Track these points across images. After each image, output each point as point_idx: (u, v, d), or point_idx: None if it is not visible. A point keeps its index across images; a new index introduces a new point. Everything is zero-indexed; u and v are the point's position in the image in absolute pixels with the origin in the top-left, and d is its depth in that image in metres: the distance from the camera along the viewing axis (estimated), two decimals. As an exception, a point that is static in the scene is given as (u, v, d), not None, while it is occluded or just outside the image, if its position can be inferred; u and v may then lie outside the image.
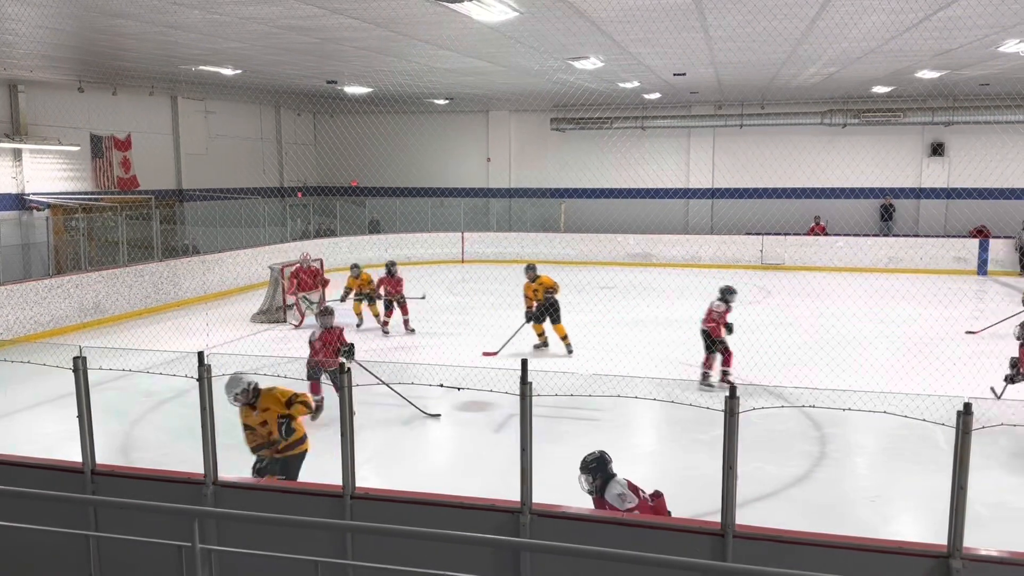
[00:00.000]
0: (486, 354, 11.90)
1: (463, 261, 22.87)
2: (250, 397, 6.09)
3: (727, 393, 4.48)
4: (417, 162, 25.51)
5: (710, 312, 10.72)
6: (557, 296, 12.23)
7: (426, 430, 9.71)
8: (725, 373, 10.58)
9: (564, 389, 10.23)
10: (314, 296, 14.95)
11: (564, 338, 12.17)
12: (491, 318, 14.47)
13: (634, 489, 5.40)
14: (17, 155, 16.55)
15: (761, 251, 21.65)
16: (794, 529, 4.69)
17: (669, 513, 5.39)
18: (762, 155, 22.66)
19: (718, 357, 10.59)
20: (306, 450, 6.39)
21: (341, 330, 9.74)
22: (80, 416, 4.89)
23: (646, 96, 19.76)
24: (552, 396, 7.33)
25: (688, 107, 22.86)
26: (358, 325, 14.38)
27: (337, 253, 19.77)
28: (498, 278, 19.64)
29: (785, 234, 21.47)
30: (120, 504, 4.25)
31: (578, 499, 5.33)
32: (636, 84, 17.06)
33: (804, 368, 10.90)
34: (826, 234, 21.89)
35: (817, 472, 7.81)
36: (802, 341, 12.43)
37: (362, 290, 14.52)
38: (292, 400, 6.21)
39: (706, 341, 10.63)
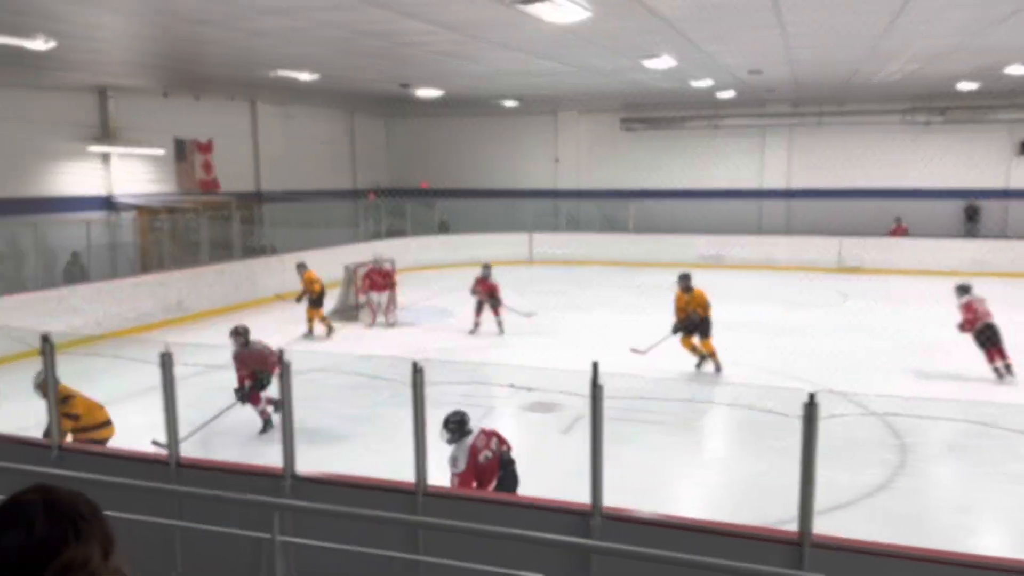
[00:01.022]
0: (634, 350, 11.33)
1: (531, 262, 22.91)
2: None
3: (805, 399, 4.37)
4: (485, 164, 25.66)
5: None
6: (708, 314, 11.25)
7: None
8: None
9: (633, 392, 10.18)
10: (384, 296, 15.20)
11: (712, 355, 11.20)
12: (558, 319, 14.47)
13: (475, 464, 5.84)
14: (106, 158, 17.29)
15: (839, 253, 21.04)
16: (873, 540, 4.55)
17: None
18: (840, 154, 22.03)
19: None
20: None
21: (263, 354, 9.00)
22: (167, 410, 5.08)
23: (719, 95, 19.44)
24: (622, 399, 7.28)
25: (763, 105, 22.38)
26: (305, 334, 13.91)
27: (407, 253, 20.06)
28: (566, 279, 19.65)
29: (864, 236, 20.83)
30: (206, 496, 4.40)
31: (648, 503, 5.29)
32: (709, 82, 16.81)
33: (883, 375, 10.58)
34: (908, 236, 21.15)
35: (897, 481, 7.56)
36: (881, 347, 12.05)
37: (310, 290, 14.01)
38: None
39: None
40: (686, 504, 7.12)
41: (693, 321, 11.18)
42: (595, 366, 4.78)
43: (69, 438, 6.47)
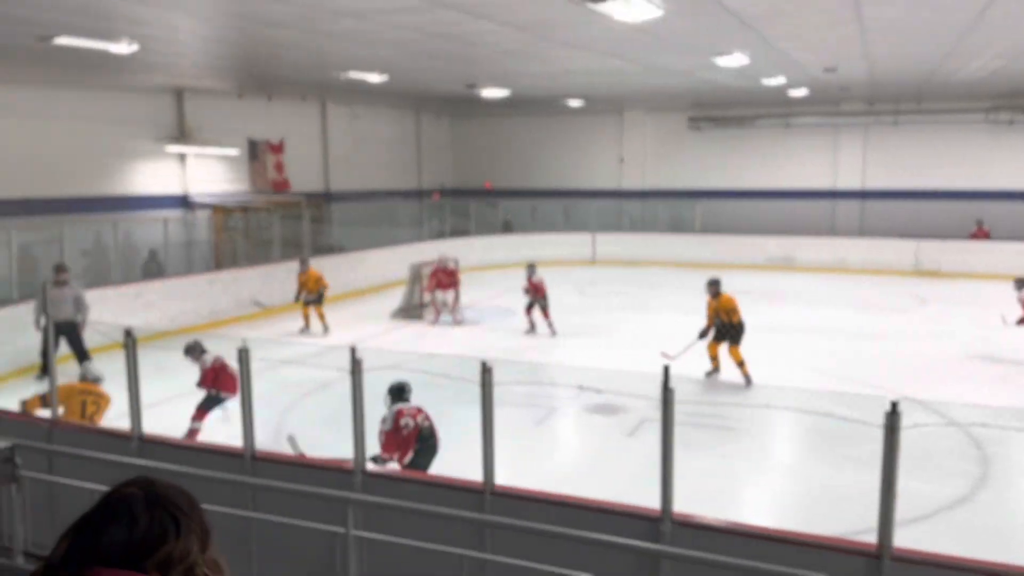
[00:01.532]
0: (664, 355, 10.88)
1: (594, 262, 22.77)
2: None
3: (887, 408, 4.23)
4: (549, 164, 25.62)
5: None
6: (734, 320, 10.95)
7: (556, 431, 9.73)
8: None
9: (702, 396, 10.02)
10: (450, 295, 15.31)
11: (741, 364, 10.76)
12: (620, 320, 14.34)
13: (396, 427, 6.41)
14: (182, 158, 17.84)
15: (916, 256, 20.33)
16: (955, 554, 4.37)
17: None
18: (918, 154, 21.27)
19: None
20: None
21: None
22: (243, 404, 5.20)
23: (791, 93, 19.00)
24: (691, 403, 7.17)
25: (837, 103, 21.77)
26: (301, 330, 14.13)
27: (471, 253, 20.17)
28: (629, 280, 19.47)
29: (943, 238, 20.08)
30: (281, 489, 4.49)
31: (716, 509, 5.19)
32: (782, 80, 16.45)
33: (963, 383, 10.18)
34: (989, 239, 20.31)
35: (979, 494, 7.27)
36: (961, 353, 11.61)
37: (310, 289, 14.23)
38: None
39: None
40: (755, 511, 6.97)
41: (719, 327, 10.91)
42: (666, 369, 4.71)
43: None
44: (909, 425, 4.46)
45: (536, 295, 14.03)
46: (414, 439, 6.62)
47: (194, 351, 8.66)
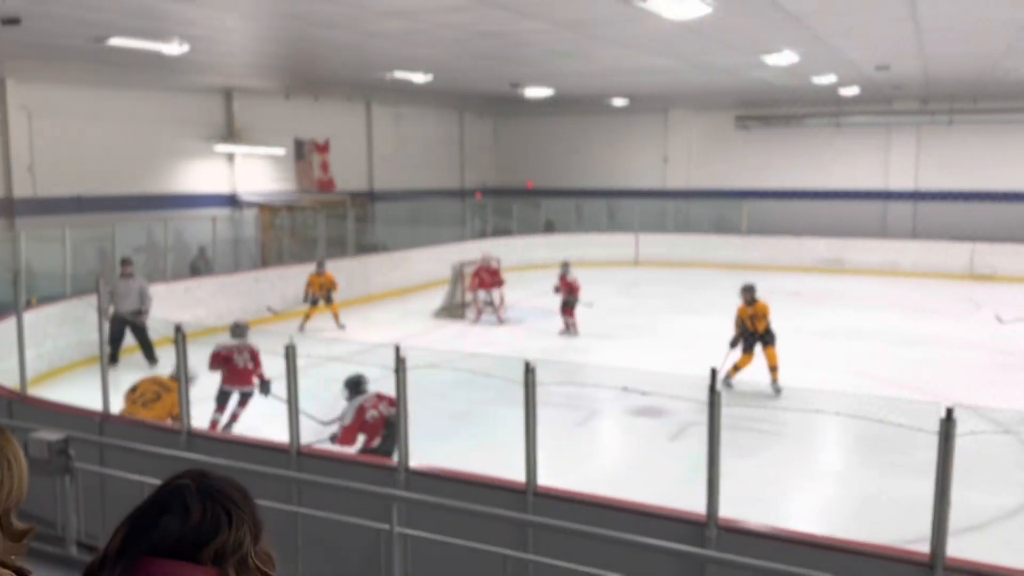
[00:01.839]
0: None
1: (637, 263, 22.59)
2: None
3: (942, 414, 4.11)
4: (592, 163, 25.48)
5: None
6: (768, 327, 10.59)
7: (598, 433, 9.67)
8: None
9: (748, 401, 9.86)
10: (494, 294, 15.32)
11: (774, 369, 10.34)
12: (663, 322, 14.20)
13: (362, 421, 6.60)
14: (230, 158, 18.15)
15: (971, 259, 19.78)
16: (1010, 566, 4.24)
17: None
18: (974, 154, 20.69)
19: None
20: None
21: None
22: (288, 401, 5.25)
23: (842, 91, 18.63)
24: (737, 407, 7.05)
25: (889, 102, 21.28)
26: (300, 328, 13.93)
27: (513, 253, 20.16)
28: (672, 281, 19.27)
29: (1000, 241, 19.50)
30: (325, 484, 4.52)
31: (762, 515, 5.10)
32: (832, 78, 16.13)
33: (1017, 389, 9.87)
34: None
35: (1037, 506, 7.04)
36: (1018, 360, 11.26)
37: (321, 289, 14.24)
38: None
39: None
40: (802, 518, 6.84)
41: (747, 335, 10.56)
42: (713, 372, 4.65)
43: None
44: (964, 432, 4.33)
45: (571, 294, 13.98)
46: (381, 426, 6.79)
47: (237, 332, 8.83)
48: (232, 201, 18.24)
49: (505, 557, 3.90)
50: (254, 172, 18.63)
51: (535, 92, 18.30)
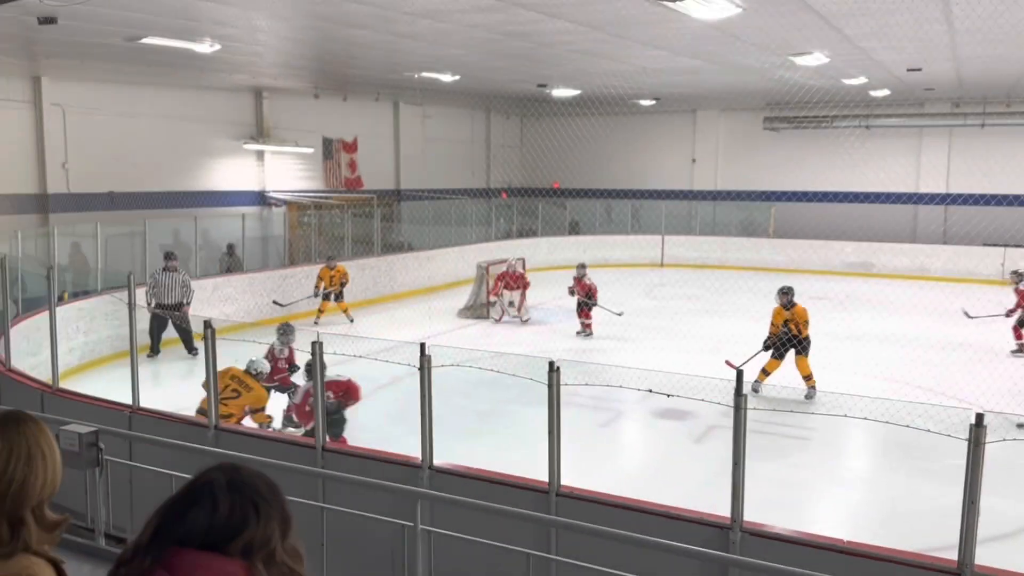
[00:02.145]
0: (728, 363, 10.09)
1: (662, 265, 22.47)
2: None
3: (972, 420, 4.06)
4: (619, 164, 25.39)
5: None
6: (806, 333, 10.38)
7: (622, 434, 9.64)
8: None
9: (775, 404, 9.77)
10: (516, 296, 15.33)
11: (808, 377, 10.15)
12: (688, 324, 14.10)
13: (305, 402, 7.03)
14: (260, 156, 18.33)
15: (1003, 264, 19.44)
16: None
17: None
18: (1007, 157, 20.33)
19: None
20: None
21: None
22: (315, 396, 5.30)
23: (872, 93, 18.41)
24: (762, 410, 6.99)
25: (920, 104, 21.00)
26: (315, 322, 14.28)
27: (537, 253, 20.16)
28: (698, 283, 19.14)
29: (1032, 246, 19.18)
30: (354, 481, 4.55)
31: (787, 520, 5.06)
32: (863, 80, 15.96)
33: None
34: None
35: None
36: (1051, 367, 11.06)
37: (332, 283, 14.59)
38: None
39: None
40: (828, 524, 6.77)
41: (783, 339, 10.30)
42: (739, 375, 4.63)
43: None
44: (994, 440, 4.27)
45: (588, 296, 13.93)
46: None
47: (285, 333, 9.50)
48: (261, 199, 18.42)
49: (528, 556, 3.90)
50: (283, 170, 18.80)
51: (562, 92, 18.29)
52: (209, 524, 1.31)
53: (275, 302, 14.59)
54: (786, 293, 10.65)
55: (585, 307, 14.05)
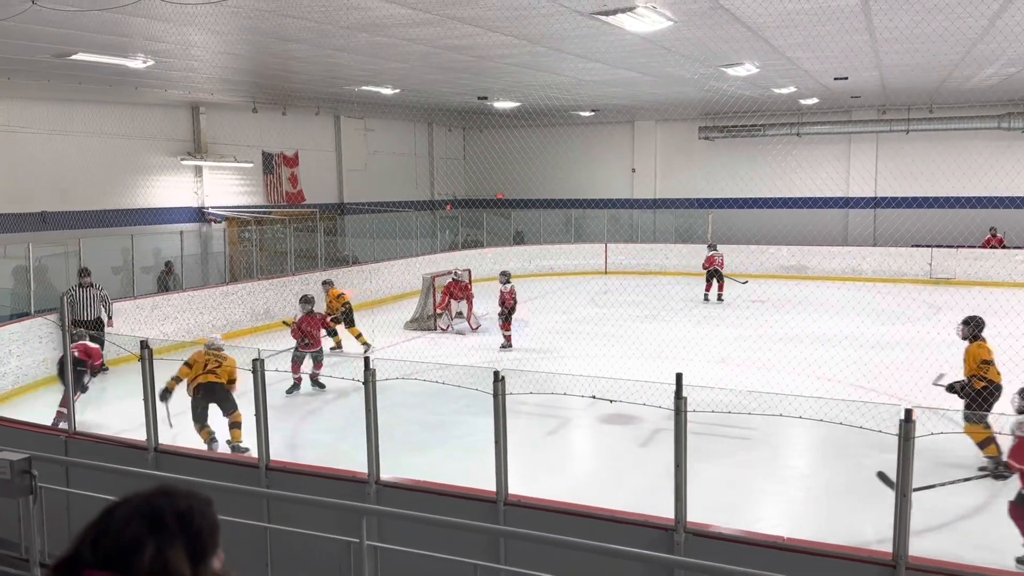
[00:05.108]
0: (936, 384, 8.88)
1: (606, 272, 22.76)
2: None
3: (901, 415, 4.23)
4: (562, 174, 25.67)
5: None
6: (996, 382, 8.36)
7: (570, 441, 9.72)
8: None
9: (716, 405, 9.96)
10: (463, 307, 15.34)
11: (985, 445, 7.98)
12: (633, 330, 14.31)
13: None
14: (198, 171, 18.00)
15: (930, 264, 20.22)
16: (970, 563, 4.36)
17: None
18: (931, 162, 21.17)
19: None
20: None
21: (323, 317, 11.73)
22: (257, 415, 5.24)
23: (802, 101, 19.00)
24: (704, 412, 7.11)
25: (848, 112, 21.75)
26: (332, 348, 13.21)
27: (483, 264, 20.20)
28: (641, 290, 19.44)
29: (957, 246, 19.96)
30: (295, 499, 4.52)
31: (730, 519, 5.18)
32: (792, 89, 16.45)
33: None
34: (1004, 247, 20.16)
35: (996, 504, 7.20)
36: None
37: (334, 309, 13.29)
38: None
39: None
40: (770, 521, 6.94)
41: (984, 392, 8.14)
42: (679, 378, 4.73)
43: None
44: (924, 434, 4.45)
45: (502, 306, 13.73)
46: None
47: (307, 303, 11.15)
48: (200, 215, 18.08)
49: (476, 567, 3.93)
50: (222, 186, 18.50)
51: (503, 104, 18.42)
52: (112, 548, 1.33)
53: (284, 322, 12.70)
54: (974, 324, 8.39)
55: (501, 319, 13.80)
